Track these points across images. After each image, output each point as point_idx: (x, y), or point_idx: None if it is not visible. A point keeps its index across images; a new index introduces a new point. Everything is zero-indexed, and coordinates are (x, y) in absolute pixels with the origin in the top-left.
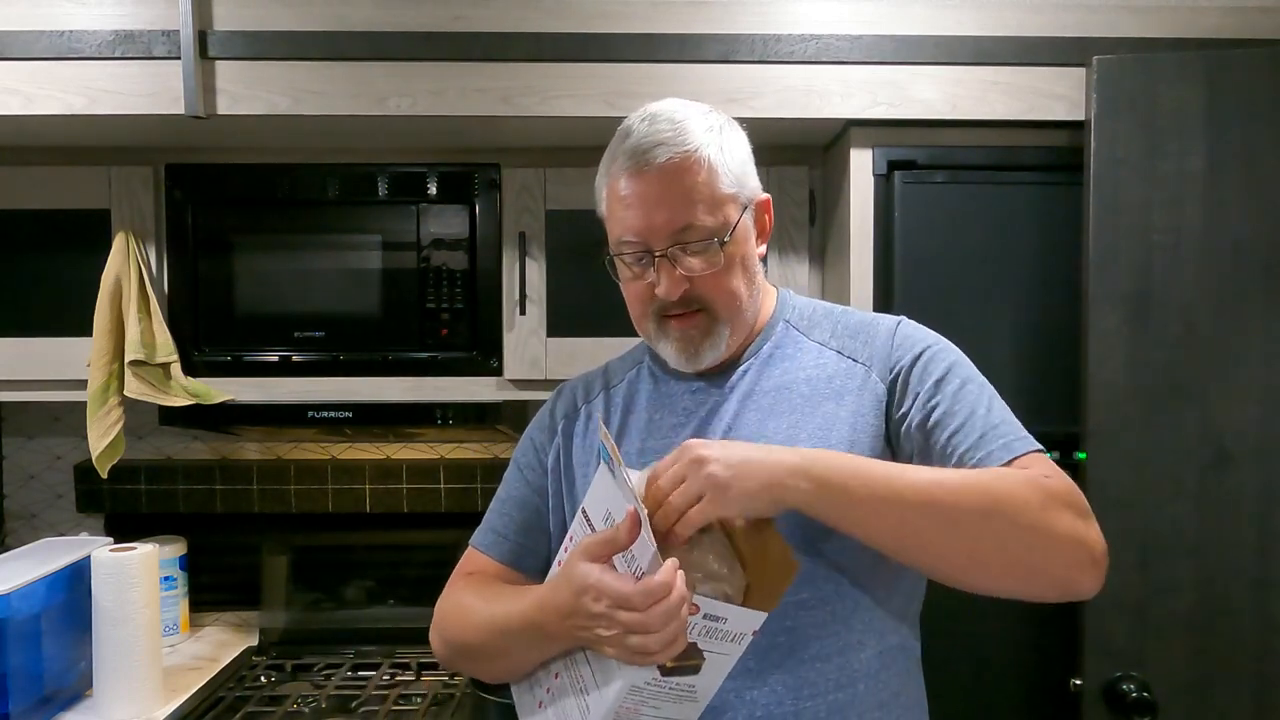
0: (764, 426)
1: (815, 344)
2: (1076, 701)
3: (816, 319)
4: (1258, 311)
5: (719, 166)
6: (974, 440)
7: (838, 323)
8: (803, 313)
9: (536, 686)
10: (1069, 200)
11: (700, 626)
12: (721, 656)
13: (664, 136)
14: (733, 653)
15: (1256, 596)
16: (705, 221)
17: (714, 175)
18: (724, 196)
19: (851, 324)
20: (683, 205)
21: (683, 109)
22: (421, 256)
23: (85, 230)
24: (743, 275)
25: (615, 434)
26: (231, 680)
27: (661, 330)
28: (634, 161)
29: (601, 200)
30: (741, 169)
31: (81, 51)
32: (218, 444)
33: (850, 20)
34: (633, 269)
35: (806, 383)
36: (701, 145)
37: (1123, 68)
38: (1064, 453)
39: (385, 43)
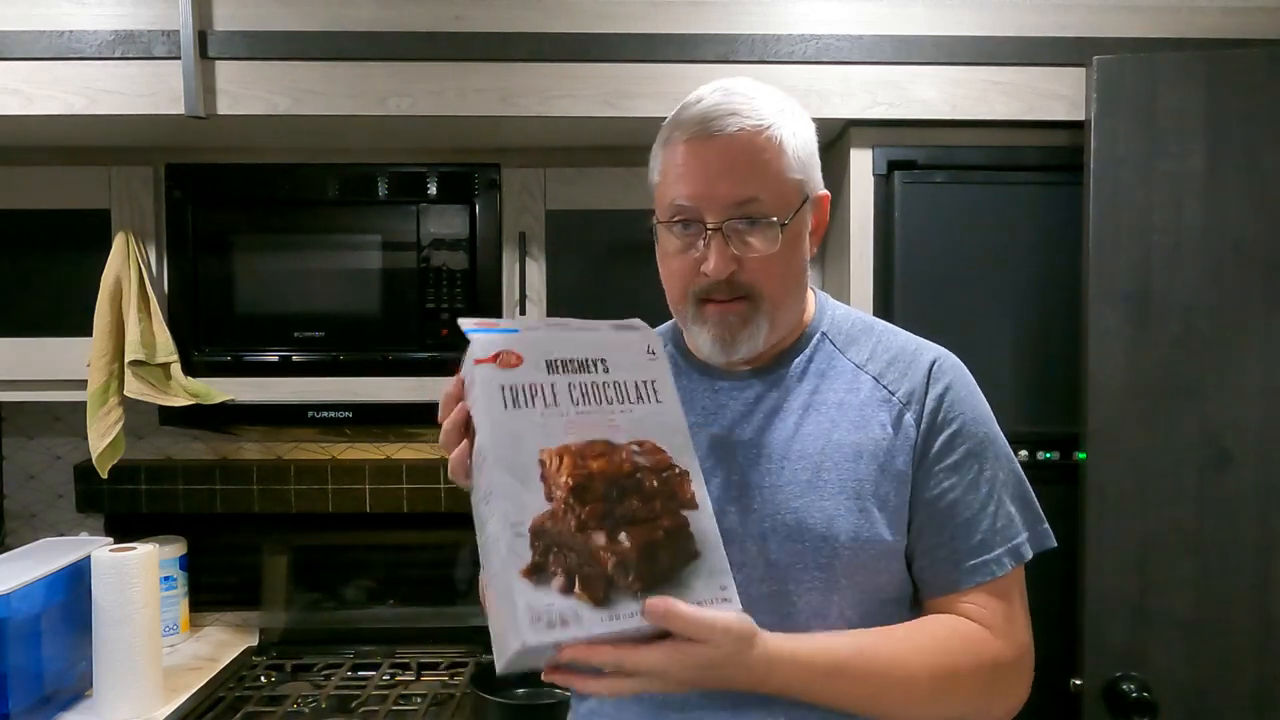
0: (788, 448)
1: (851, 364)
2: (1076, 701)
3: (855, 334)
4: (1258, 311)
5: (789, 148)
6: (956, 552)
7: (878, 342)
8: (840, 325)
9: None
10: (1069, 200)
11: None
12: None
13: (738, 106)
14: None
15: (1256, 596)
16: (768, 199)
17: (783, 155)
18: (790, 180)
19: (893, 348)
20: (749, 177)
21: (758, 86)
22: (421, 256)
23: (85, 230)
24: (794, 267)
25: None
26: (231, 680)
27: (699, 314)
28: (702, 127)
29: (656, 167)
30: (810, 157)
31: (81, 51)
32: (218, 444)
33: (850, 20)
34: (681, 239)
35: (837, 407)
36: (776, 123)
37: (1123, 68)
38: (1064, 453)
39: (385, 43)
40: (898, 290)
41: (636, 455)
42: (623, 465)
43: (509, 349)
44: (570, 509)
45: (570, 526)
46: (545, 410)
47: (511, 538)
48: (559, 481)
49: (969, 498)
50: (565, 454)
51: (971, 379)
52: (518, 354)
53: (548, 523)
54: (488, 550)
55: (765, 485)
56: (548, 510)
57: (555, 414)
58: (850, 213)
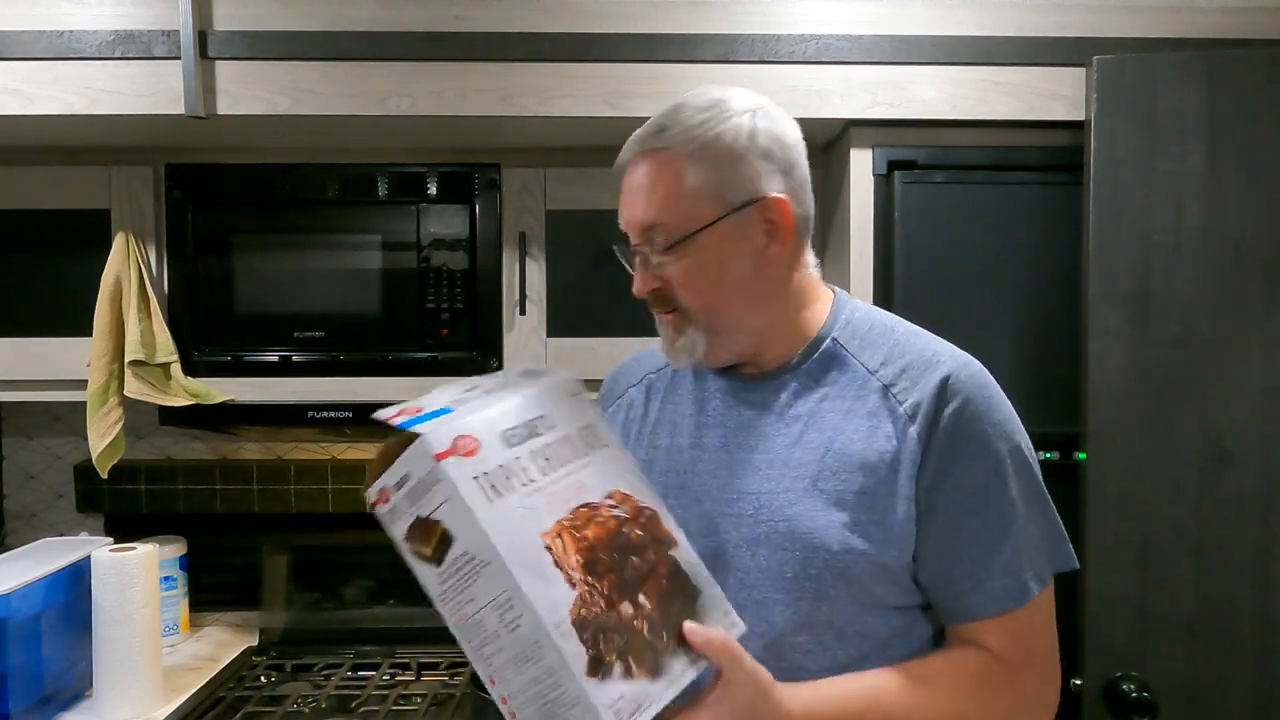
0: (789, 455)
1: (864, 370)
2: (1076, 701)
3: (871, 338)
4: (1258, 311)
5: (700, 163)
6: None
7: (895, 346)
8: (857, 328)
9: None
10: (1069, 200)
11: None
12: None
13: (647, 129)
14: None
15: (1256, 596)
16: (672, 221)
17: (686, 173)
18: (694, 196)
19: (909, 354)
20: (645, 204)
21: (691, 95)
22: (421, 256)
23: (85, 230)
24: (727, 277)
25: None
26: (231, 680)
27: (656, 323)
28: (622, 155)
29: None
30: (733, 166)
31: (81, 51)
32: (218, 444)
33: (850, 20)
34: (626, 261)
35: (844, 414)
36: (679, 141)
37: (1123, 68)
38: (1064, 453)
39: (385, 43)
40: (898, 290)
41: (613, 509)
42: (609, 524)
43: (462, 434)
44: (593, 588)
45: (602, 606)
46: (525, 490)
47: (559, 639)
48: (571, 563)
49: (987, 524)
50: (563, 532)
51: (993, 391)
52: (473, 437)
53: (583, 611)
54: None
55: (762, 491)
56: (576, 597)
57: (535, 491)
58: (850, 213)
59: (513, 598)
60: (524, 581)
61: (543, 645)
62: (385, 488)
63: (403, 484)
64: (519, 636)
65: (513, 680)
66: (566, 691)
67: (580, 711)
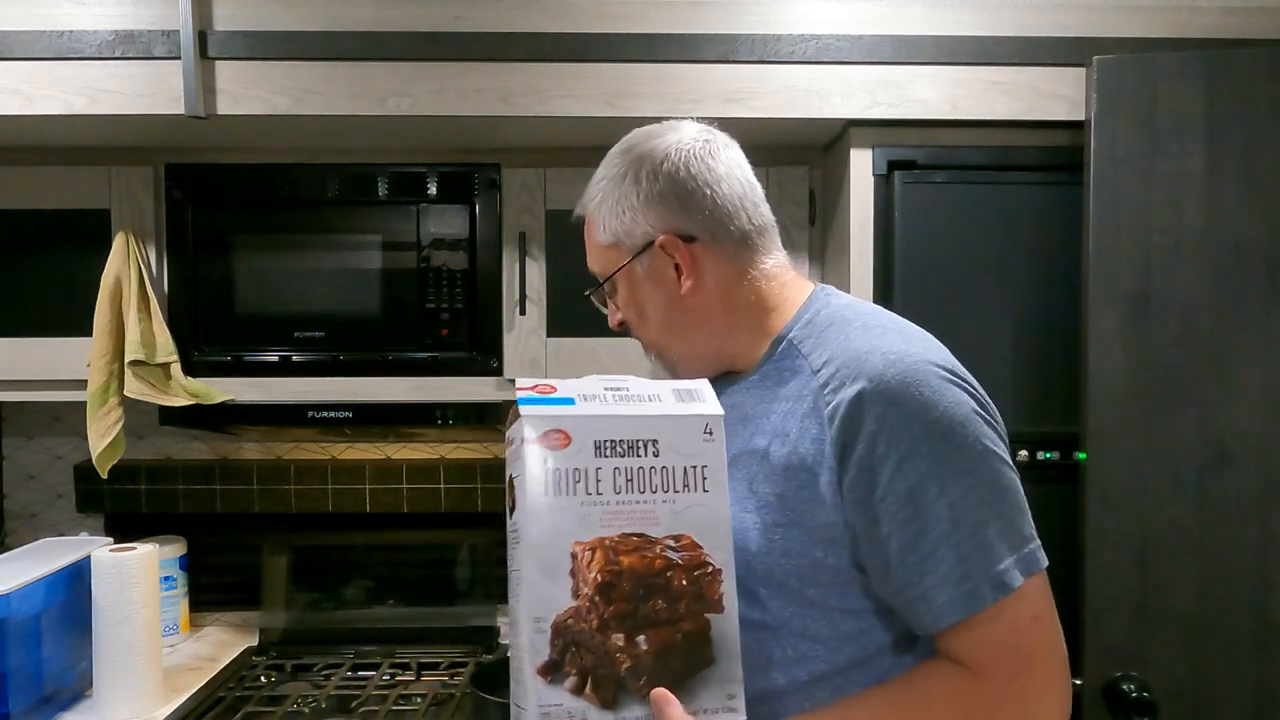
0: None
1: (809, 369)
2: (1077, 701)
3: (827, 335)
4: (1258, 311)
5: (598, 219)
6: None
7: (842, 342)
8: (817, 326)
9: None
10: (1069, 200)
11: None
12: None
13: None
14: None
15: (1256, 596)
16: (598, 268)
17: (595, 229)
18: (602, 247)
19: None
20: (588, 254)
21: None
22: (421, 256)
23: (85, 230)
24: (647, 317)
25: None
26: (231, 680)
27: None
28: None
29: None
30: (624, 215)
31: (81, 51)
32: (218, 444)
33: (850, 20)
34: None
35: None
36: (592, 200)
37: (1123, 68)
38: (1064, 453)
39: (385, 43)
40: (898, 290)
41: (671, 551)
42: (654, 562)
43: (558, 428)
44: (595, 607)
45: (592, 625)
46: (586, 499)
47: (533, 632)
48: (588, 578)
49: (922, 531)
50: (599, 548)
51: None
52: (566, 434)
53: (570, 620)
54: (512, 624)
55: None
56: (572, 608)
57: (595, 503)
58: (850, 213)
59: (521, 577)
60: (529, 570)
61: (517, 625)
62: (510, 438)
63: (510, 443)
64: (514, 608)
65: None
66: (520, 672)
67: (521, 692)
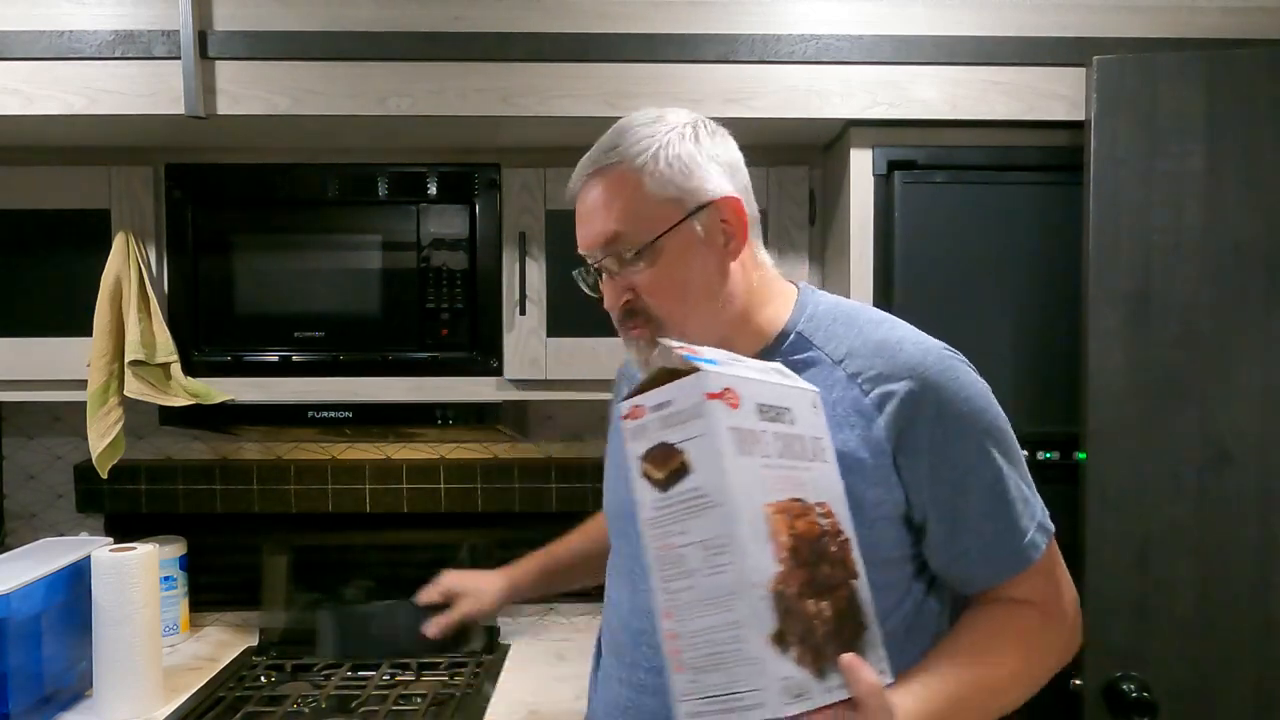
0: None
1: (829, 360)
2: (1076, 701)
3: (835, 329)
4: (1258, 311)
5: (648, 171)
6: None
7: (859, 335)
8: (821, 320)
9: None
10: (1069, 200)
11: (657, 423)
12: (696, 440)
13: (600, 147)
14: (703, 430)
15: (1256, 596)
16: (631, 230)
17: (640, 184)
18: (653, 201)
19: (873, 342)
20: (610, 214)
21: (632, 116)
22: (421, 256)
23: (85, 230)
24: (690, 279)
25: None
26: (231, 680)
27: (624, 339)
28: (573, 177)
29: None
30: (686, 169)
31: (81, 51)
32: (218, 444)
33: (850, 20)
34: (588, 282)
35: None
36: (633, 155)
37: (1123, 68)
38: (1064, 453)
39: (385, 43)
40: (898, 290)
41: (821, 518)
42: (814, 527)
43: (731, 387)
44: (793, 573)
45: (795, 592)
46: (764, 461)
47: (755, 599)
48: (781, 542)
49: (983, 492)
50: (781, 511)
51: (960, 371)
52: (737, 394)
53: (781, 587)
54: (712, 604)
55: None
56: (778, 573)
57: (769, 466)
58: (850, 213)
59: (728, 545)
60: (744, 533)
61: (738, 598)
62: (642, 406)
63: (662, 408)
64: (718, 582)
65: (691, 621)
66: (745, 649)
67: (750, 672)
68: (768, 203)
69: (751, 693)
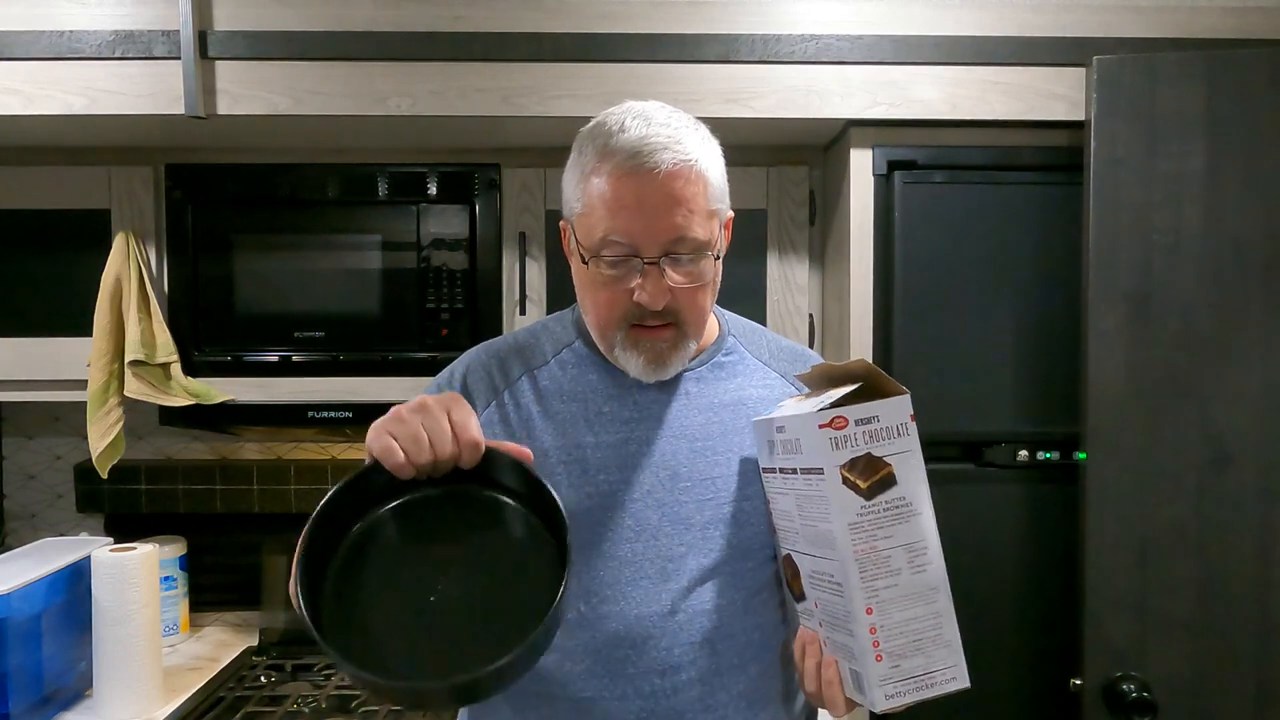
0: (728, 442)
1: (759, 362)
2: (1076, 701)
3: (753, 336)
4: (1258, 311)
5: (712, 180)
6: None
7: (770, 341)
8: (741, 328)
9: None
10: (1069, 200)
11: (862, 436)
12: (903, 454)
13: (666, 139)
14: (909, 446)
15: (1256, 596)
16: (698, 234)
17: (708, 188)
18: (713, 211)
19: (783, 346)
20: (683, 214)
21: (674, 114)
22: (421, 256)
23: (85, 230)
24: (715, 290)
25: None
26: (231, 680)
27: (629, 340)
28: (635, 162)
29: (577, 196)
30: (724, 183)
31: (81, 51)
32: (218, 444)
33: (850, 20)
34: (613, 271)
35: (759, 402)
36: (699, 156)
37: (1123, 68)
38: (1064, 453)
39: (385, 43)
40: (898, 290)
41: None
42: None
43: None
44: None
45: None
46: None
47: (949, 592)
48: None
49: None
50: None
51: None
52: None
53: None
54: (915, 598)
55: (716, 476)
56: None
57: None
58: (850, 213)
59: (928, 547)
60: (936, 537)
61: (939, 592)
62: (845, 418)
63: (867, 422)
64: (920, 579)
65: (894, 614)
66: (944, 634)
67: (947, 654)
68: (768, 203)
69: (948, 669)
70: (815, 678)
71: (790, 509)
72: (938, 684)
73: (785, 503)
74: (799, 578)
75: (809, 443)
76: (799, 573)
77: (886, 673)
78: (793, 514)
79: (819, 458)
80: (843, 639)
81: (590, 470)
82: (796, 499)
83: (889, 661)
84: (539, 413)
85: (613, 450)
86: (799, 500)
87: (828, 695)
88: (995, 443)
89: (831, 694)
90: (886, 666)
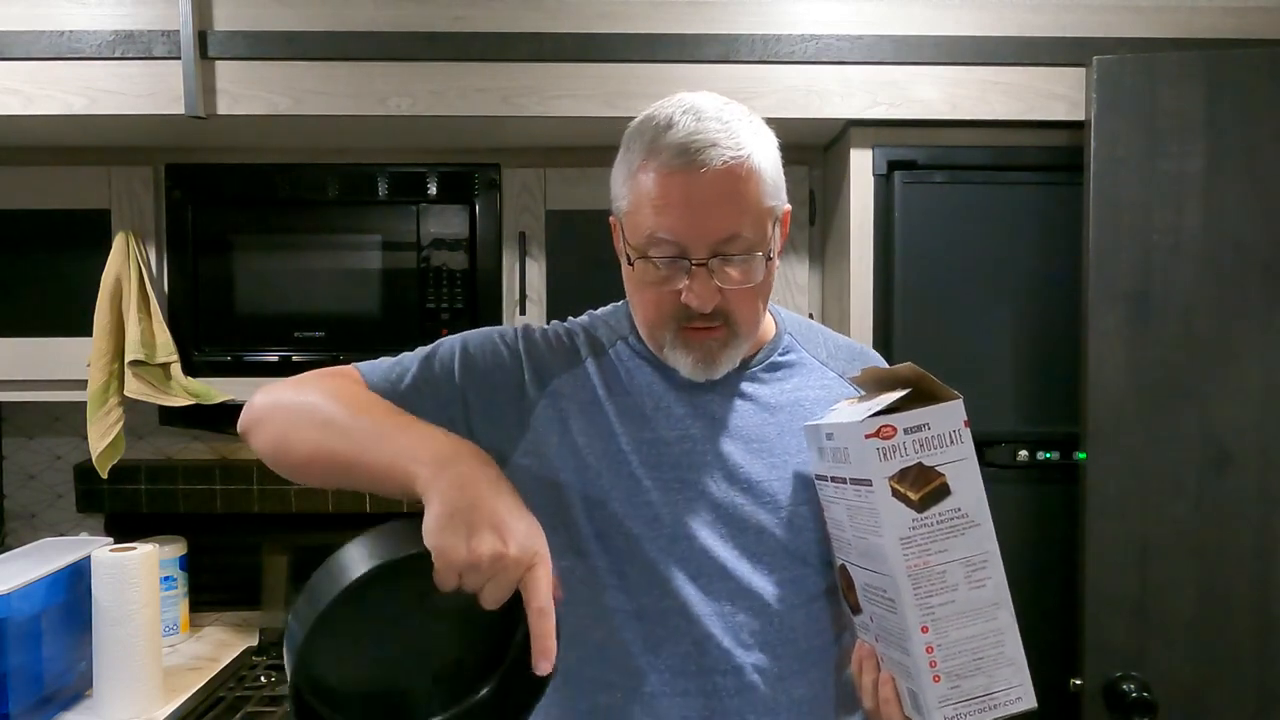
0: (785, 443)
1: (817, 361)
2: (1076, 701)
3: (811, 335)
4: (1258, 311)
5: (766, 175)
6: None
7: (828, 340)
8: (798, 326)
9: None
10: (1069, 200)
11: (911, 445)
12: (956, 463)
13: (717, 136)
14: (963, 454)
15: (1256, 596)
16: (750, 234)
17: (761, 185)
18: (767, 208)
19: (841, 344)
20: (733, 213)
21: (726, 107)
22: (421, 256)
23: (85, 230)
24: (768, 289)
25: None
26: (231, 680)
27: (679, 339)
28: (684, 159)
29: (624, 194)
30: (779, 177)
31: (81, 51)
32: (218, 444)
33: (850, 20)
34: (661, 270)
35: (817, 402)
36: (751, 151)
37: (1123, 68)
38: (1064, 453)
39: (385, 43)
40: (898, 290)
41: None
42: None
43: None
44: None
45: None
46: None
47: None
48: None
49: None
50: None
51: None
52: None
53: None
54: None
55: (773, 479)
56: None
57: None
58: (850, 213)
59: (988, 561)
60: (997, 550)
61: (1000, 608)
62: (893, 426)
63: (917, 430)
64: (979, 595)
65: (952, 632)
66: (1006, 652)
67: (1011, 672)
68: None
69: (1013, 689)
70: (873, 695)
71: (842, 518)
72: (1001, 705)
73: (837, 511)
74: (854, 590)
75: (856, 453)
76: (853, 585)
77: (945, 693)
78: (844, 524)
79: (866, 469)
80: (898, 657)
81: (648, 465)
82: (847, 509)
83: (947, 682)
84: (605, 396)
85: (669, 448)
86: (849, 510)
87: (885, 714)
88: (995, 443)
89: (889, 712)
90: (945, 687)
